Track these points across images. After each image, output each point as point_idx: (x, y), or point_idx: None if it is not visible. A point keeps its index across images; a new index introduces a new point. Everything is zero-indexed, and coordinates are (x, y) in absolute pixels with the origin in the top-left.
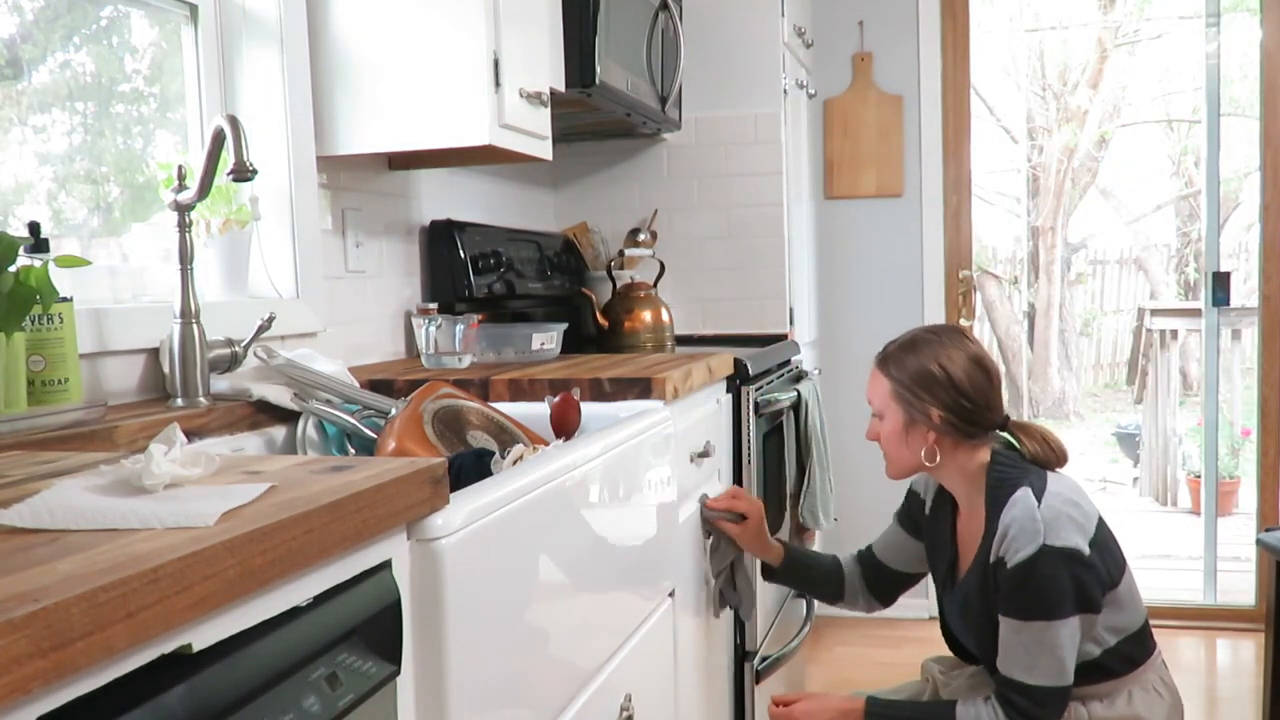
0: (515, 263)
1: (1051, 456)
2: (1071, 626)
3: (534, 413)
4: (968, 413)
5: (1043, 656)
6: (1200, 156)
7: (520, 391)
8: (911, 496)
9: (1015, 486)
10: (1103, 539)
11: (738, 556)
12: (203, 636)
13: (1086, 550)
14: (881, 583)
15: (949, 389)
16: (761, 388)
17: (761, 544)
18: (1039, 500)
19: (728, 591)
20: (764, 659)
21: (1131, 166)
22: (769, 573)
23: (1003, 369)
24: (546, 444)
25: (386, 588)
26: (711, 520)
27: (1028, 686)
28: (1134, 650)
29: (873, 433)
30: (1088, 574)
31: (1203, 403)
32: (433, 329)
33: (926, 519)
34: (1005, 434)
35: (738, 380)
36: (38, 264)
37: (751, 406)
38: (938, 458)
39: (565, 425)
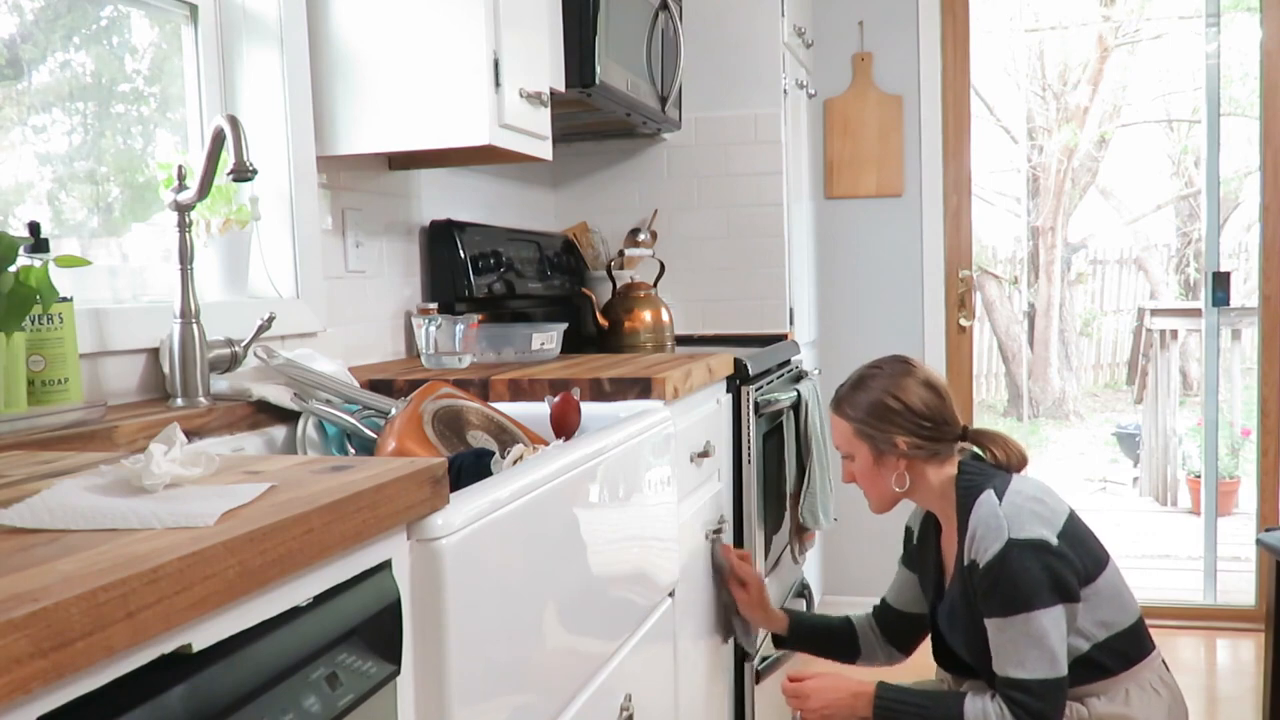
0: (515, 263)
1: (1011, 460)
2: (1054, 616)
3: (534, 413)
4: (928, 432)
5: (1031, 649)
6: (1200, 156)
7: (520, 391)
8: (907, 534)
9: (978, 491)
10: (1073, 533)
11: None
12: (203, 636)
13: (1054, 541)
14: (898, 630)
15: (906, 415)
16: (761, 388)
17: (764, 614)
18: (1000, 499)
19: (736, 622)
20: (764, 659)
21: (1131, 166)
22: (779, 641)
23: (1003, 369)
24: (546, 444)
25: (386, 588)
26: (720, 572)
27: (1022, 681)
28: (1128, 648)
29: (847, 475)
30: (1059, 563)
31: (1203, 403)
32: (433, 329)
33: (914, 546)
34: (969, 444)
35: (738, 380)
36: (38, 264)
37: (751, 406)
38: (907, 482)
39: (565, 425)
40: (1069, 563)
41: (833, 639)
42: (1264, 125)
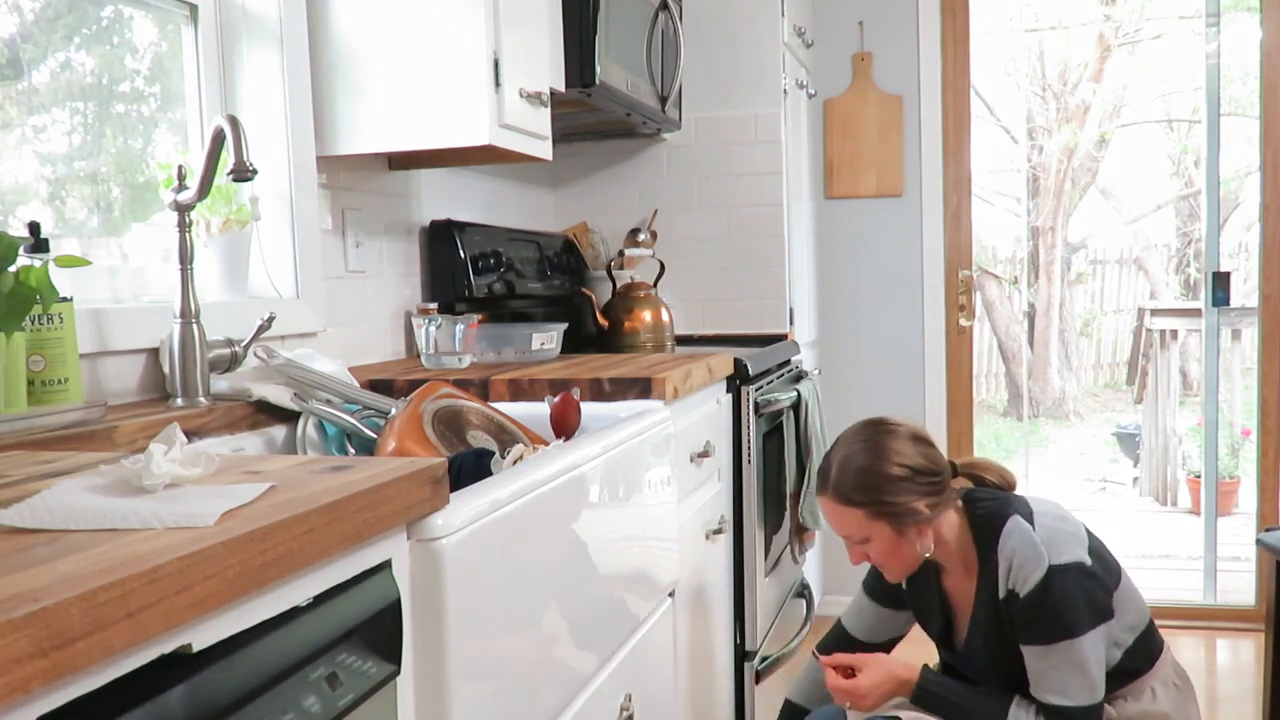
0: (515, 263)
1: (1008, 481)
2: (1094, 640)
3: (534, 413)
4: (939, 486)
5: (1074, 677)
6: (1200, 156)
7: (520, 391)
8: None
9: (1002, 518)
10: (1095, 546)
11: None
12: (203, 636)
13: (1089, 560)
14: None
15: (914, 479)
16: (761, 388)
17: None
18: (1032, 524)
19: None
20: (764, 659)
21: (1131, 166)
22: None
23: (1003, 369)
24: (546, 444)
25: (386, 588)
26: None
27: (1067, 709)
28: (1148, 647)
29: (859, 557)
30: (1094, 583)
31: (1203, 403)
32: (433, 329)
33: (907, 589)
34: (964, 478)
35: (738, 380)
36: (38, 264)
37: (751, 406)
38: (932, 543)
39: (565, 425)
40: (1101, 581)
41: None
42: (1264, 125)
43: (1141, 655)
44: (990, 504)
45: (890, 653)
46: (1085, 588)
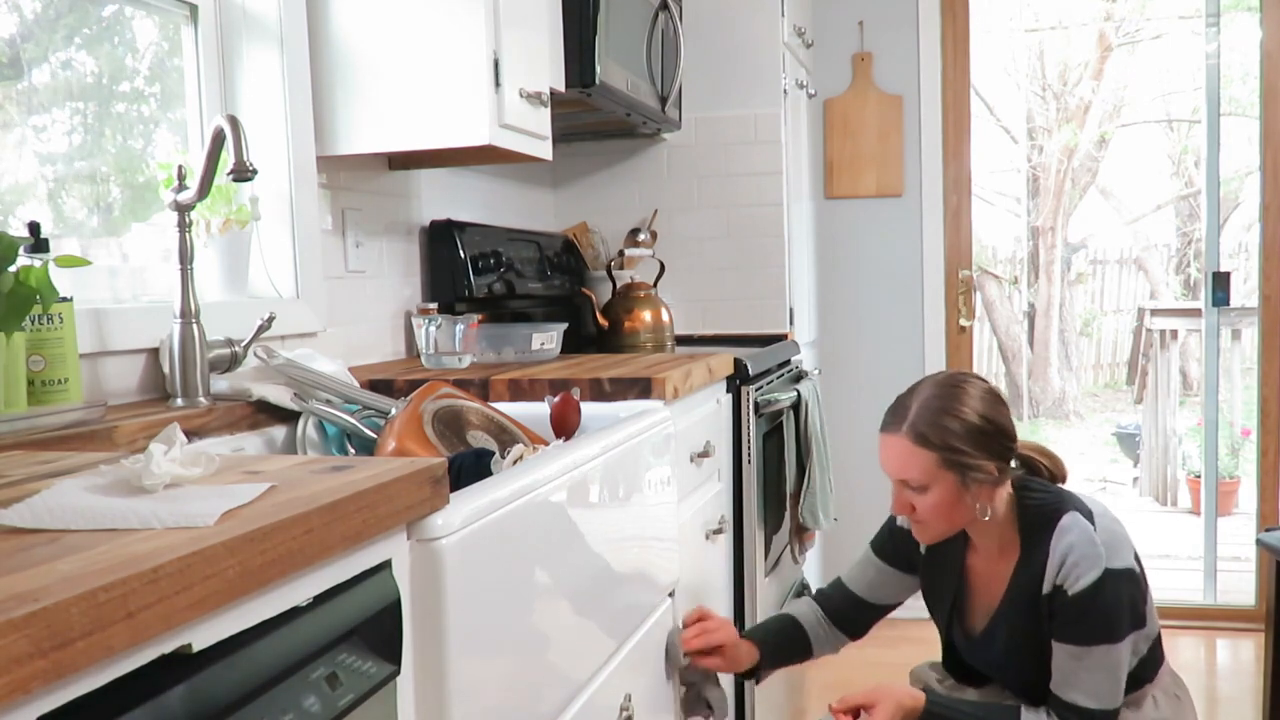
0: (515, 263)
1: (1061, 473)
2: (1128, 645)
3: (534, 413)
4: (1009, 452)
5: (1105, 681)
6: (1200, 156)
7: (520, 391)
8: (895, 531)
9: (1057, 513)
10: (1136, 553)
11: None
12: (203, 636)
13: (1137, 567)
14: (853, 617)
15: (995, 437)
16: (761, 388)
17: (739, 659)
18: (1093, 523)
19: (695, 703)
20: None
21: (1131, 166)
22: (752, 673)
23: (1003, 369)
24: (546, 444)
25: (386, 588)
26: (691, 664)
27: (1091, 711)
28: (1155, 655)
29: (905, 505)
30: (1138, 591)
31: (1203, 403)
32: (433, 329)
33: (923, 557)
34: (1020, 459)
35: (738, 380)
36: (38, 264)
37: (751, 406)
38: (990, 510)
39: (565, 425)
40: (1142, 589)
41: (792, 648)
42: (1264, 125)
43: (1150, 664)
44: (1045, 495)
45: (871, 630)
46: (1131, 595)
